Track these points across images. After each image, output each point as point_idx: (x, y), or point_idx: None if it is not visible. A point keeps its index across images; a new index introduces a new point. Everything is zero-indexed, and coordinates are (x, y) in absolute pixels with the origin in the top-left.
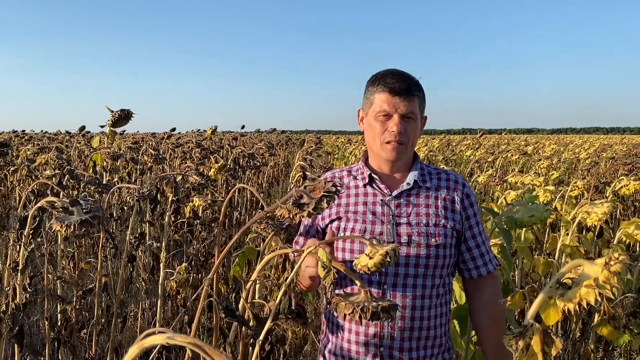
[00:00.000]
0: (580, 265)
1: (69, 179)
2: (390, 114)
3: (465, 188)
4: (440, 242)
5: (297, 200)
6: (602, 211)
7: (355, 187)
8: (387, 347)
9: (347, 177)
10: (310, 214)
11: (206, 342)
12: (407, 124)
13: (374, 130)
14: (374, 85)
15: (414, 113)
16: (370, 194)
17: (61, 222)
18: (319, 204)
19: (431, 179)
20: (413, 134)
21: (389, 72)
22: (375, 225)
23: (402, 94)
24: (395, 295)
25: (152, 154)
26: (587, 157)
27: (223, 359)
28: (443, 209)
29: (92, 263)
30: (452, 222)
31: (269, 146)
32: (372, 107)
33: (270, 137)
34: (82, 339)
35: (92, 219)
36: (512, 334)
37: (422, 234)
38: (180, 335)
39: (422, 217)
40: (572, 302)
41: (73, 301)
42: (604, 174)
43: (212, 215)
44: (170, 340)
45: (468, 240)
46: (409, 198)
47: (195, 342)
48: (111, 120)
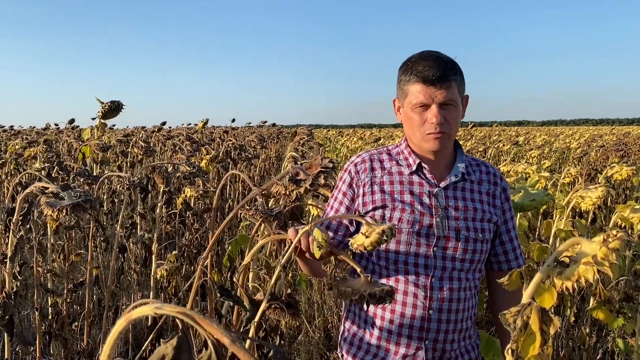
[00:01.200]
0: (578, 244)
1: (58, 171)
2: (427, 104)
3: (502, 182)
4: (487, 237)
5: (293, 177)
6: (597, 195)
7: (399, 174)
8: (432, 339)
9: (389, 160)
10: (307, 190)
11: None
12: (447, 112)
13: (413, 122)
14: (406, 75)
15: (453, 99)
16: (416, 183)
17: (52, 206)
18: (316, 180)
19: (474, 171)
20: (454, 122)
21: (421, 58)
22: (424, 217)
23: (437, 83)
24: (442, 289)
25: (142, 145)
26: (577, 146)
27: (214, 327)
28: (487, 203)
29: (82, 255)
30: (495, 217)
31: (260, 139)
32: (407, 98)
33: (261, 131)
34: (74, 332)
35: (84, 203)
36: (510, 312)
37: (471, 229)
38: (169, 305)
39: (470, 212)
40: (571, 280)
41: (64, 294)
42: (595, 162)
43: (204, 206)
44: (159, 310)
45: (503, 234)
46: (456, 191)
47: (185, 312)
48: (101, 112)
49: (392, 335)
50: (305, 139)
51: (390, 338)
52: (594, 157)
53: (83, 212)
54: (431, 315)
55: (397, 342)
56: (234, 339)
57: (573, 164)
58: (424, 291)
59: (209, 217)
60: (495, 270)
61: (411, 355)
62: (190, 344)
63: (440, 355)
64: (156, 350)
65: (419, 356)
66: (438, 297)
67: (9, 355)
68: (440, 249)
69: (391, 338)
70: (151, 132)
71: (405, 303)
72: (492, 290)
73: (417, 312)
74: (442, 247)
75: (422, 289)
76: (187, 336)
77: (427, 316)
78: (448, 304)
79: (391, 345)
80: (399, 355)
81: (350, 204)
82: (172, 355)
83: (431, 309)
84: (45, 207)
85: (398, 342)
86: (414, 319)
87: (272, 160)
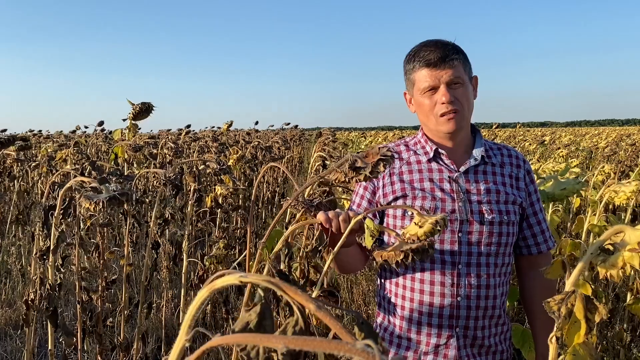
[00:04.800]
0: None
1: (91, 171)
2: (435, 86)
3: (526, 164)
4: (512, 219)
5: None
6: (631, 189)
7: (417, 163)
8: (462, 327)
9: (407, 151)
10: (367, 177)
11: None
12: (456, 90)
13: (425, 107)
14: (410, 63)
15: (460, 77)
16: (435, 170)
17: (90, 199)
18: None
19: (495, 154)
20: (466, 98)
21: (422, 46)
22: (445, 202)
23: (440, 64)
24: (470, 275)
25: (171, 147)
26: (606, 145)
27: (300, 294)
28: (510, 186)
29: (115, 252)
30: (519, 199)
31: (284, 141)
32: (416, 85)
33: (284, 133)
34: (108, 327)
35: (120, 196)
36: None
37: (495, 212)
38: (253, 275)
39: (492, 194)
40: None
41: (98, 290)
42: (626, 160)
43: (233, 204)
44: (244, 279)
45: (530, 217)
46: (477, 175)
47: (270, 280)
48: (132, 114)
49: (422, 326)
50: (330, 139)
51: (421, 329)
52: (622, 155)
53: (119, 205)
54: (460, 303)
55: (428, 333)
56: (319, 305)
57: (602, 162)
58: (451, 278)
59: (237, 215)
60: (525, 255)
61: (443, 344)
62: (272, 312)
63: (472, 342)
64: (240, 317)
65: (451, 344)
66: (465, 283)
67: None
68: (465, 234)
69: (422, 329)
70: (177, 134)
71: (432, 293)
72: (522, 276)
73: (446, 301)
74: (466, 232)
75: (449, 276)
76: (269, 304)
77: (455, 304)
78: (476, 291)
79: (422, 336)
80: (431, 346)
81: (372, 197)
82: (256, 322)
83: (459, 296)
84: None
85: (429, 332)
86: (443, 308)
87: (295, 162)
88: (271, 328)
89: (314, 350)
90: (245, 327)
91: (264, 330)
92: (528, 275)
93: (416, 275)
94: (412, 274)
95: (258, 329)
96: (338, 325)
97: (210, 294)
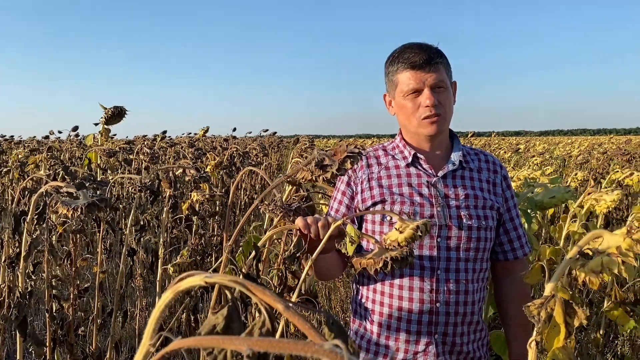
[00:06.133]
0: (600, 236)
1: (64, 176)
2: (419, 89)
3: (503, 170)
4: (490, 225)
5: (319, 162)
6: (612, 199)
7: (395, 168)
8: (441, 333)
9: (385, 156)
10: (334, 175)
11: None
12: (439, 94)
13: (407, 110)
14: (394, 65)
15: (443, 81)
16: (414, 174)
17: (67, 205)
18: (343, 165)
19: (472, 159)
20: (448, 103)
21: (406, 47)
22: (424, 207)
23: (425, 66)
24: (449, 281)
25: (147, 152)
26: (579, 153)
27: (267, 295)
28: (487, 191)
29: (88, 260)
30: (497, 204)
31: (262, 147)
32: (399, 87)
33: (262, 140)
34: (79, 337)
35: (99, 202)
36: (534, 304)
37: (473, 217)
38: (219, 275)
39: (471, 200)
40: (594, 273)
41: (70, 299)
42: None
43: (210, 211)
44: (209, 279)
45: (507, 223)
46: (455, 179)
47: (237, 280)
48: (105, 118)
49: (400, 333)
50: (308, 145)
51: (399, 336)
52: (595, 163)
53: (99, 211)
54: (439, 309)
55: (407, 340)
56: (287, 305)
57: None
58: (430, 284)
59: (214, 222)
60: (501, 260)
61: (422, 351)
62: (240, 314)
63: (450, 348)
64: (207, 320)
65: (430, 351)
66: (444, 289)
67: (21, 356)
68: (444, 239)
69: (400, 336)
70: (152, 140)
71: (411, 299)
72: (498, 282)
73: (424, 307)
74: (445, 237)
75: (428, 282)
76: (237, 306)
77: (434, 310)
78: (455, 296)
79: (400, 343)
80: (410, 353)
81: (350, 202)
82: (223, 325)
83: (438, 302)
84: (60, 207)
85: (407, 339)
86: (422, 314)
87: (273, 169)
88: (239, 331)
89: (280, 352)
90: (212, 331)
91: (231, 334)
92: (504, 281)
93: (395, 281)
94: (391, 280)
95: (225, 332)
96: (307, 326)
97: (175, 296)
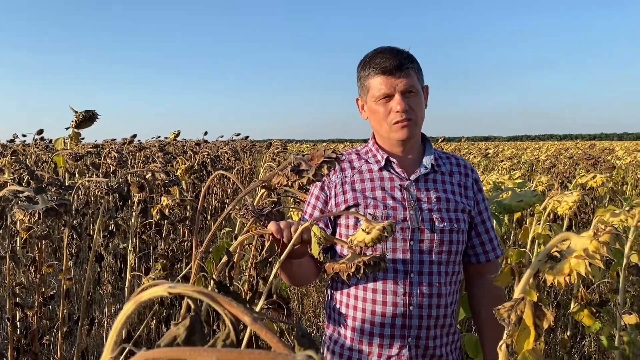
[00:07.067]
0: (567, 239)
1: (29, 181)
2: (390, 94)
3: (474, 173)
4: (462, 227)
5: (295, 167)
6: (573, 200)
7: (368, 172)
8: (414, 337)
9: (358, 160)
10: (310, 180)
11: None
12: (410, 99)
13: (378, 115)
14: (365, 70)
15: (414, 86)
16: (386, 178)
17: (25, 210)
18: (320, 170)
19: (444, 163)
20: (419, 107)
21: (377, 52)
22: (397, 211)
23: (395, 72)
24: (422, 284)
25: (115, 156)
26: (546, 158)
27: (234, 306)
28: (459, 194)
29: (54, 266)
30: (468, 207)
31: (234, 151)
32: (370, 92)
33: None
34: (44, 346)
35: (58, 207)
36: (504, 307)
37: (445, 220)
38: (183, 285)
39: (443, 203)
40: (562, 274)
41: (34, 307)
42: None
43: (180, 216)
44: (173, 289)
45: (478, 226)
46: (427, 183)
47: (202, 290)
48: (75, 121)
49: (373, 337)
50: (280, 149)
51: (373, 340)
52: (561, 168)
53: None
54: (412, 312)
55: (380, 344)
56: (255, 317)
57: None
58: (404, 287)
59: (184, 227)
60: (473, 263)
61: (395, 355)
62: (203, 325)
63: (423, 352)
64: (167, 331)
65: (403, 355)
66: (417, 292)
67: None
68: (416, 242)
69: (373, 340)
70: (122, 144)
71: (385, 302)
72: (471, 285)
73: (398, 310)
74: (418, 240)
75: (402, 285)
76: (199, 316)
77: (408, 313)
78: (428, 300)
79: (373, 347)
80: (383, 357)
81: (324, 206)
82: (185, 337)
83: (411, 305)
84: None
85: (381, 343)
86: (395, 318)
87: (246, 173)
88: (201, 343)
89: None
90: (172, 342)
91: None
92: (476, 284)
93: (368, 285)
94: (364, 284)
95: (186, 344)
96: (275, 339)
97: (138, 307)
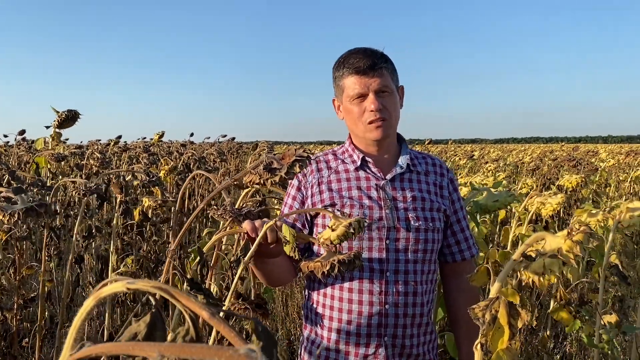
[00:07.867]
0: (543, 238)
1: (10, 181)
2: (364, 94)
3: (449, 173)
4: (437, 226)
5: (268, 165)
6: (557, 202)
7: (345, 172)
8: (390, 336)
9: (334, 160)
10: (282, 178)
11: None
12: (384, 99)
13: (353, 115)
14: (339, 70)
15: (388, 86)
16: (363, 178)
17: (4, 210)
18: (291, 168)
19: (420, 163)
20: (393, 107)
21: (351, 53)
22: (373, 210)
23: (369, 71)
24: (398, 283)
25: (97, 157)
26: (530, 160)
27: (192, 301)
28: (434, 193)
29: (34, 268)
30: (443, 207)
31: (219, 153)
32: (345, 92)
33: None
34: (24, 348)
35: (38, 207)
36: (479, 306)
37: (421, 219)
38: (142, 280)
39: (418, 202)
40: (538, 273)
41: (14, 309)
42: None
43: (162, 217)
44: (131, 285)
45: (454, 225)
46: (403, 182)
47: (160, 286)
48: (57, 121)
49: (350, 336)
50: (266, 150)
51: (350, 340)
52: (545, 170)
53: (37, 217)
54: (388, 311)
55: (357, 343)
56: (213, 312)
57: (527, 176)
58: (379, 286)
59: (167, 229)
60: (449, 262)
61: (372, 354)
62: (164, 321)
63: (400, 351)
64: (128, 328)
65: (380, 354)
66: (394, 291)
67: None
68: (392, 241)
69: (350, 340)
70: (106, 145)
71: (361, 301)
72: (447, 284)
73: (374, 309)
74: (394, 239)
75: (378, 284)
76: (161, 313)
77: (384, 312)
78: (404, 298)
79: (351, 347)
80: (360, 357)
81: (301, 206)
82: (145, 333)
83: (387, 304)
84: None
85: (357, 342)
86: (372, 317)
87: (232, 174)
88: (162, 339)
89: (192, 358)
90: (133, 339)
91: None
92: (452, 283)
93: (344, 285)
94: (340, 283)
95: (147, 340)
96: (232, 334)
97: (97, 303)
